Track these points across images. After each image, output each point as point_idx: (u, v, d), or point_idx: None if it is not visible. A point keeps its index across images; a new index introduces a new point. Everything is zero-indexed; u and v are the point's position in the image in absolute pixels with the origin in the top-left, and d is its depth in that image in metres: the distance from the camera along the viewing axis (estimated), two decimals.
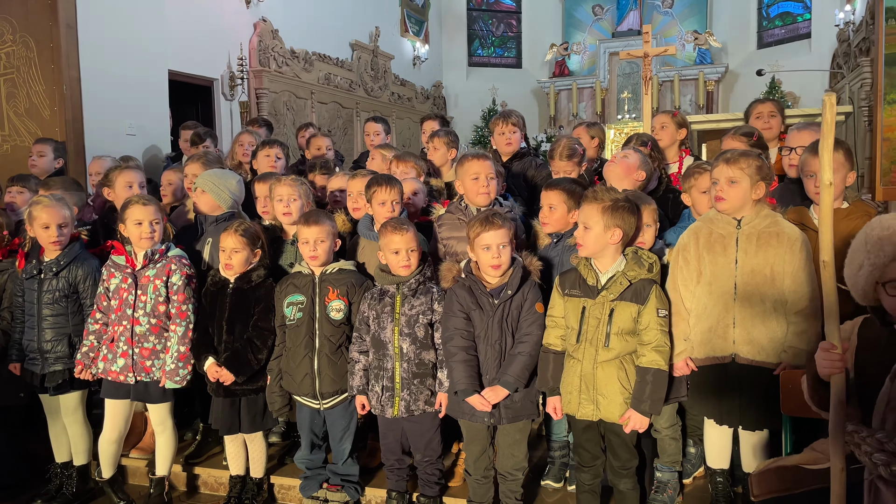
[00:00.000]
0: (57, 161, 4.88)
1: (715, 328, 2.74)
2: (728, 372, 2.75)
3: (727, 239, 2.75)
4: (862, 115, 8.57)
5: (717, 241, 2.77)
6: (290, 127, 9.58)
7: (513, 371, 2.81)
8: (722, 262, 2.74)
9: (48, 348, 3.40)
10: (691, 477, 3.28)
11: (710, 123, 5.75)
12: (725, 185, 2.72)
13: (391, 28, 12.87)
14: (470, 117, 14.66)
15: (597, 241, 2.69)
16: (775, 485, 2.28)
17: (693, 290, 2.80)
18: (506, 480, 3.03)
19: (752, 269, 2.70)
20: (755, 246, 2.71)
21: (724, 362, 2.75)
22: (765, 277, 2.68)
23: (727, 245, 2.75)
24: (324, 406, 3.21)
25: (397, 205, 3.33)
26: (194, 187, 3.69)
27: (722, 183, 2.73)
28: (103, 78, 5.64)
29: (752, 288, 2.69)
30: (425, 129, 5.18)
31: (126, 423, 3.42)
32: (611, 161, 3.55)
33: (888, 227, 1.93)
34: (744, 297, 2.70)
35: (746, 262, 2.71)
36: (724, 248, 2.75)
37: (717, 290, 2.75)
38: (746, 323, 2.70)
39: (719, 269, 2.75)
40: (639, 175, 3.37)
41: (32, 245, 3.54)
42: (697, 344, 2.78)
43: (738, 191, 2.71)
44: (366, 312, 3.10)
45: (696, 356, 2.79)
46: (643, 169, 3.39)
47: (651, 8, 14.42)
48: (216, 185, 3.61)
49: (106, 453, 3.41)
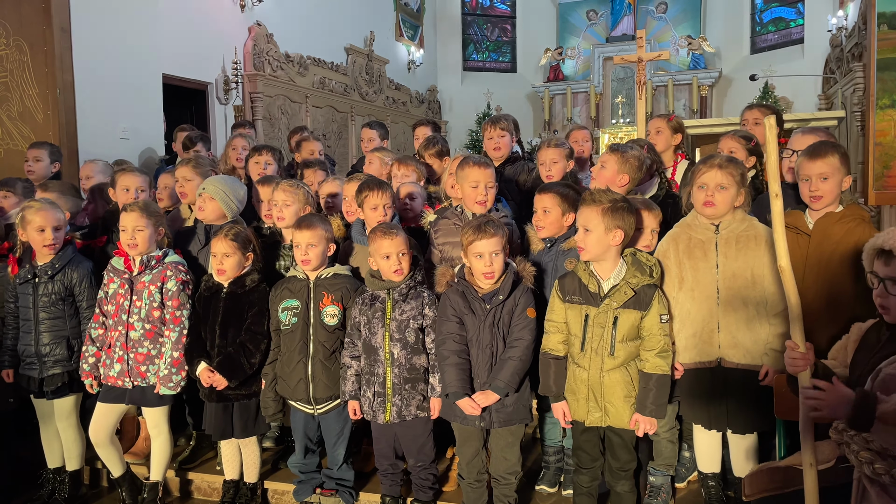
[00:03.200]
0: (53, 165, 4.85)
1: (700, 333, 2.75)
2: (714, 376, 2.76)
3: (707, 244, 2.76)
4: (854, 120, 8.60)
5: (697, 247, 2.77)
6: (285, 131, 9.56)
7: (503, 375, 2.81)
8: (703, 268, 2.75)
9: (46, 352, 3.39)
10: (685, 481, 3.28)
11: (704, 128, 5.76)
12: (716, 191, 2.72)
13: (386, 32, 12.88)
14: (465, 122, 14.68)
15: (598, 244, 2.68)
16: (767, 484, 2.34)
17: (675, 296, 2.81)
18: (499, 484, 3.02)
19: (734, 272, 2.71)
20: (735, 249, 2.72)
21: (711, 366, 2.76)
22: (746, 281, 2.70)
23: (707, 250, 2.76)
24: (318, 411, 3.20)
25: (389, 209, 3.33)
26: (200, 191, 3.57)
27: (712, 188, 2.72)
28: (97, 81, 5.63)
29: (735, 292, 2.70)
30: (417, 134, 5.18)
31: (111, 427, 3.37)
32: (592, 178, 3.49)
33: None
34: (727, 302, 2.71)
35: (727, 266, 2.72)
36: (705, 253, 2.76)
37: (700, 296, 2.75)
38: (731, 327, 2.71)
39: (701, 275, 2.75)
40: (621, 179, 3.26)
41: (24, 250, 3.52)
42: (682, 349, 2.79)
43: (726, 197, 2.72)
44: (357, 318, 3.10)
45: (683, 361, 2.79)
46: (624, 171, 3.27)
47: (645, 13, 14.49)
48: (227, 194, 3.54)
49: (103, 457, 3.41)
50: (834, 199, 2.83)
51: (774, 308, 2.67)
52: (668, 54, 9.93)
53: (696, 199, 2.80)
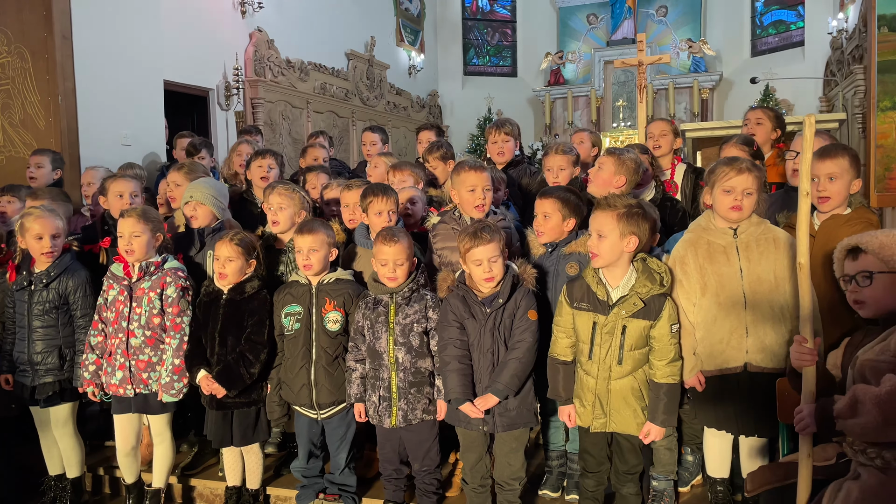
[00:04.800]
0: (55, 172, 4.86)
1: (728, 339, 2.70)
2: (738, 381, 2.71)
3: (728, 249, 2.72)
4: (855, 122, 8.61)
5: (718, 252, 2.73)
6: (286, 137, 9.59)
7: (503, 379, 2.81)
8: (727, 272, 2.70)
9: (38, 360, 3.38)
10: (689, 485, 3.27)
11: (705, 131, 5.78)
12: (744, 196, 2.68)
13: (387, 38, 12.90)
14: (466, 126, 14.69)
15: (612, 250, 2.65)
16: (768, 478, 2.37)
17: (698, 302, 2.75)
18: (503, 490, 3.01)
19: (759, 276, 2.68)
20: (756, 253, 2.69)
21: (735, 372, 2.71)
22: (770, 284, 2.67)
23: (729, 254, 2.72)
24: (321, 416, 3.20)
25: (393, 214, 3.33)
26: (187, 199, 3.59)
27: (739, 192, 2.67)
28: (98, 88, 5.64)
29: (761, 295, 2.67)
30: (421, 138, 5.19)
31: (136, 435, 3.40)
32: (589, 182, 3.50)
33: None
34: (754, 305, 2.67)
35: (751, 269, 2.68)
36: (727, 257, 2.71)
37: (727, 301, 2.70)
38: (759, 331, 2.67)
39: (725, 280, 2.70)
40: (618, 181, 3.27)
41: (23, 256, 3.52)
42: (706, 357, 2.73)
43: (752, 202, 2.69)
44: (360, 322, 3.09)
45: (706, 368, 2.75)
46: (621, 174, 3.28)
47: (645, 17, 14.50)
48: (215, 196, 3.58)
49: (122, 465, 3.42)
50: (842, 202, 2.81)
51: (795, 310, 2.62)
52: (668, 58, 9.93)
53: (720, 203, 2.73)
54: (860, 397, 1.87)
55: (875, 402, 1.82)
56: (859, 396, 1.87)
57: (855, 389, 1.91)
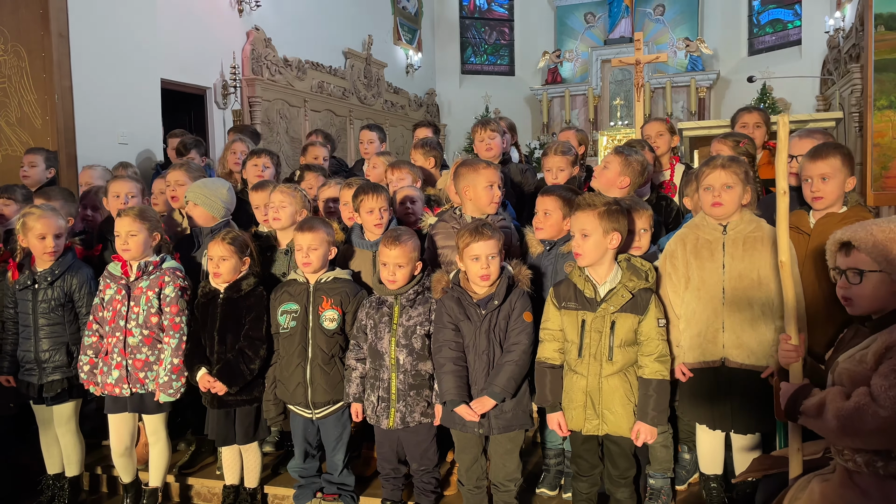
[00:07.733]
0: (49, 171, 4.85)
1: (704, 333, 2.75)
2: (718, 376, 2.76)
3: (714, 244, 2.76)
4: (852, 120, 8.62)
5: (704, 247, 2.78)
6: (283, 135, 9.58)
7: (499, 381, 2.80)
8: (709, 268, 2.75)
9: (46, 358, 3.38)
10: (686, 483, 3.27)
11: (702, 130, 5.78)
12: (722, 191, 2.72)
13: (384, 36, 12.89)
14: (463, 125, 14.64)
15: (597, 248, 2.68)
16: (753, 467, 2.43)
17: (682, 295, 2.81)
18: (498, 491, 3.01)
19: (740, 273, 2.71)
20: (742, 250, 2.72)
21: (715, 366, 2.76)
22: (752, 281, 2.70)
23: (714, 250, 2.76)
24: (316, 416, 3.20)
25: (385, 212, 3.34)
26: (185, 200, 3.65)
27: (718, 188, 2.72)
28: (95, 87, 5.63)
29: (741, 292, 2.70)
30: (417, 135, 5.20)
31: (131, 434, 3.40)
32: (594, 178, 3.53)
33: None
34: (732, 302, 2.71)
35: (734, 266, 2.72)
36: (711, 253, 2.76)
37: (706, 296, 2.76)
38: (735, 327, 2.71)
39: (707, 275, 2.75)
40: (622, 182, 3.29)
41: (24, 255, 3.52)
42: (688, 349, 2.79)
43: (733, 196, 2.72)
44: (363, 321, 3.09)
45: (688, 361, 2.79)
46: (626, 174, 3.30)
47: (643, 15, 14.50)
48: (208, 196, 3.61)
49: (118, 465, 3.42)
50: (836, 200, 2.82)
51: (780, 310, 2.65)
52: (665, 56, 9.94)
53: (703, 202, 2.80)
54: (828, 404, 1.93)
55: (837, 414, 1.88)
56: (827, 403, 1.93)
57: (827, 394, 1.96)
